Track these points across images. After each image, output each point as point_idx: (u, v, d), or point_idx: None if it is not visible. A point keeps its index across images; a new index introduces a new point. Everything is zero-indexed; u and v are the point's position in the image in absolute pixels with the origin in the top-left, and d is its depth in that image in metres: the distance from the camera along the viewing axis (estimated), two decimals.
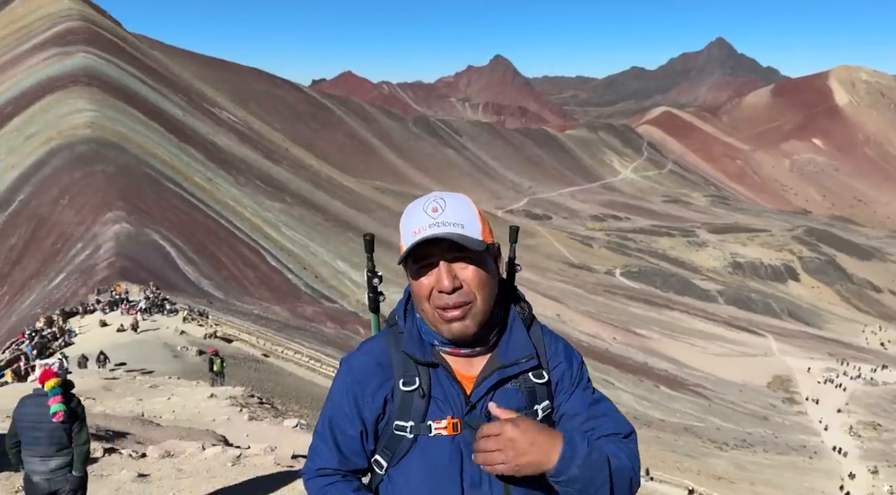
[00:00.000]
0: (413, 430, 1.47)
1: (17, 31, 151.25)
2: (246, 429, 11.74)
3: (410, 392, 1.49)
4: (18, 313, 51.23)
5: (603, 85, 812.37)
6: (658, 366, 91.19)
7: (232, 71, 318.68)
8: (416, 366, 1.52)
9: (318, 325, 63.37)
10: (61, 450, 4.90)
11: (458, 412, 1.49)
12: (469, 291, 1.43)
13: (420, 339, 1.55)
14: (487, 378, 1.51)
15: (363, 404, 1.52)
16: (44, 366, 5.17)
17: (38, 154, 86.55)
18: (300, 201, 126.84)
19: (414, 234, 1.44)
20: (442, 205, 1.46)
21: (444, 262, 1.44)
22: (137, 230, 64.68)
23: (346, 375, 1.57)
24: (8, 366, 23.93)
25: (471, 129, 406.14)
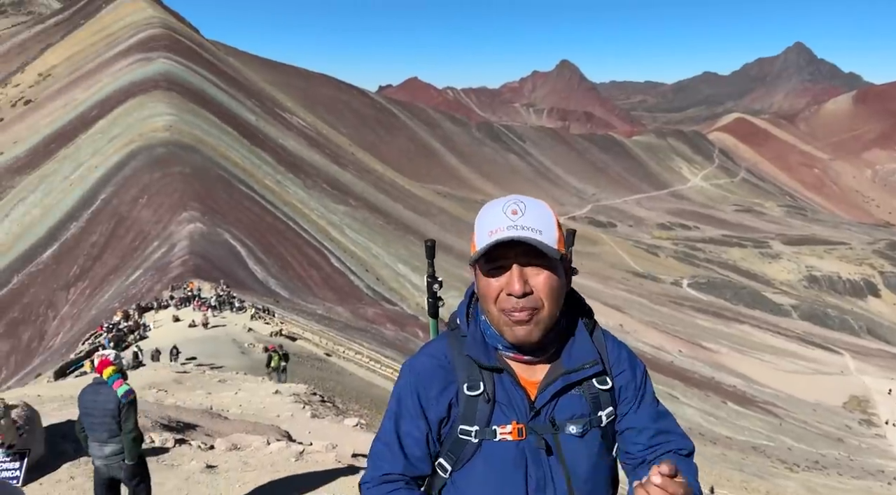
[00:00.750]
0: (478, 435, 1.46)
1: (105, 38, 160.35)
2: (308, 426, 12.01)
3: (475, 396, 1.48)
4: (98, 307, 54.08)
5: (672, 90, 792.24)
6: (726, 382, 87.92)
7: (301, 77, 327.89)
8: (479, 370, 1.51)
9: (378, 327, 64.21)
10: (113, 437, 5.12)
11: (523, 417, 1.48)
12: (538, 298, 1.43)
13: (484, 343, 1.53)
14: (552, 383, 1.50)
15: (427, 406, 1.52)
16: (100, 357, 5.40)
17: (120, 155, 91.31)
18: (364, 204, 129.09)
19: (490, 234, 1.43)
20: (522, 208, 1.45)
21: (518, 266, 1.43)
22: (210, 230, 67.27)
23: (410, 378, 1.57)
24: (87, 357, 25.31)
25: (534, 135, 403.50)
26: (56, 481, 6.55)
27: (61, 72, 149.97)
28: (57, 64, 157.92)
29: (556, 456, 1.46)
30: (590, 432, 1.50)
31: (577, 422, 1.49)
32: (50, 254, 75.62)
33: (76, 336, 43.76)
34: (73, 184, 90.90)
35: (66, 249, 75.29)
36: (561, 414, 1.50)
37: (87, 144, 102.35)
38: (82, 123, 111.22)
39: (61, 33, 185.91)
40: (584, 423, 1.49)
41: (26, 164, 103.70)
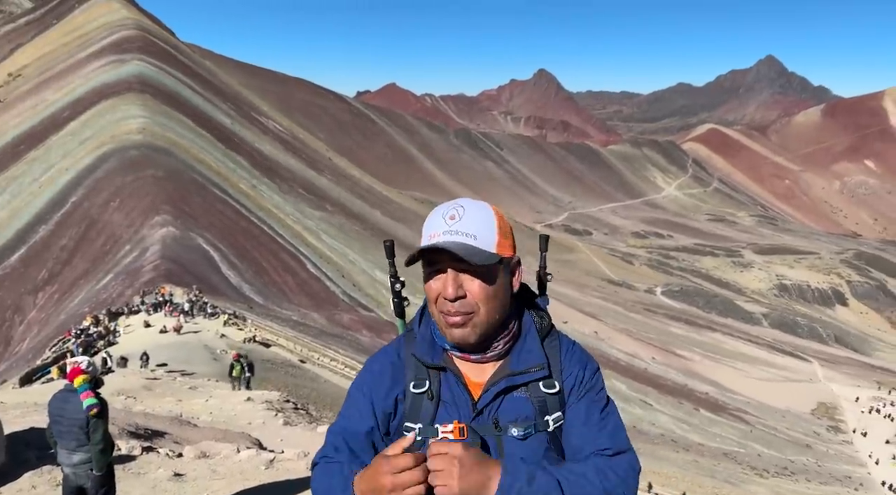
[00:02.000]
0: (421, 432, 1.49)
1: (77, 38, 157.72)
2: (280, 434, 11.87)
3: (420, 394, 1.51)
4: (67, 312, 52.96)
5: (648, 101, 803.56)
6: (698, 389, 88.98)
7: (278, 81, 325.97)
8: (426, 369, 1.54)
9: (354, 333, 63.84)
10: (82, 446, 5.02)
11: (466, 417, 1.50)
12: (472, 302, 1.44)
13: (432, 343, 1.56)
14: (496, 384, 1.51)
15: (377, 402, 1.55)
16: (73, 364, 5.30)
17: (92, 157, 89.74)
18: (340, 210, 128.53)
19: (429, 238, 1.48)
20: (460, 213, 1.48)
21: (452, 271, 1.46)
22: (183, 234, 66.35)
23: (364, 374, 1.62)
24: (54, 363, 24.74)
25: (512, 143, 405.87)
26: (17, 490, 6.37)
27: (32, 72, 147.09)
28: (27, 64, 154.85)
29: (496, 458, 1.44)
30: (533, 436, 1.49)
31: (520, 425, 1.48)
32: (17, 258, 73.89)
33: (43, 341, 42.75)
34: (42, 187, 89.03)
35: (35, 253, 73.63)
36: (505, 416, 1.50)
37: (58, 146, 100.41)
38: (53, 125, 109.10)
39: (32, 33, 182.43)
40: (527, 426, 1.49)
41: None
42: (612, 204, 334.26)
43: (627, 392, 71.07)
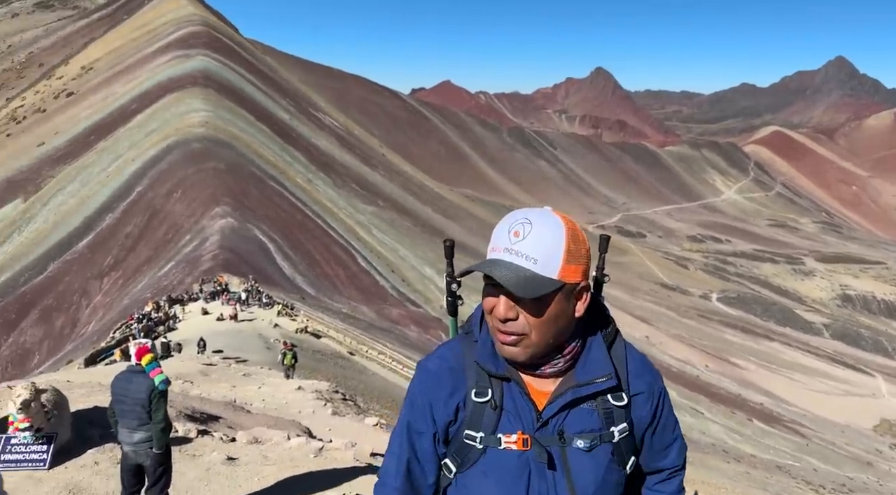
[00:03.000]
0: (483, 441, 1.45)
1: (146, 34, 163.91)
2: (329, 423, 12.08)
3: (482, 403, 1.47)
4: (130, 297, 55.19)
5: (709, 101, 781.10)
6: (753, 399, 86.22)
7: (335, 78, 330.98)
8: (488, 377, 1.49)
9: (402, 328, 64.41)
10: (142, 425, 5.22)
11: (529, 428, 1.46)
12: (524, 325, 1.38)
13: (494, 350, 1.49)
14: (561, 395, 1.47)
15: (435, 408, 1.51)
16: (138, 344, 5.49)
17: (157, 149, 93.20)
18: (392, 205, 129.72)
19: (491, 251, 1.40)
20: (526, 230, 1.36)
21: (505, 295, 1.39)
22: (241, 225, 68.23)
23: (421, 378, 1.56)
24: (117, 346, 25.84)
25: (566, 142, 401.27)
26: (81, 466, 6.67)
27: (103, 65, 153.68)
28: (99, 58, 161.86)
29: (560, 470, 1.43)
30: (599, 447, 1.46)
31: (585, 437, 1.45)
32: (85, 244, 77.42)
33: (108, 324, 44.68)
34: (110, 176, 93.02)
35: (101, 239, 77.03)
36: (570, 428, 1.46)
37: (126, 137, 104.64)
38: (121, 117, 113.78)
39: (104, 28, 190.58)
40: (593, 438, 1.46)
41: (66, 155, 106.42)
42: (668, 206, 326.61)
43: (678, 399, 69.42)
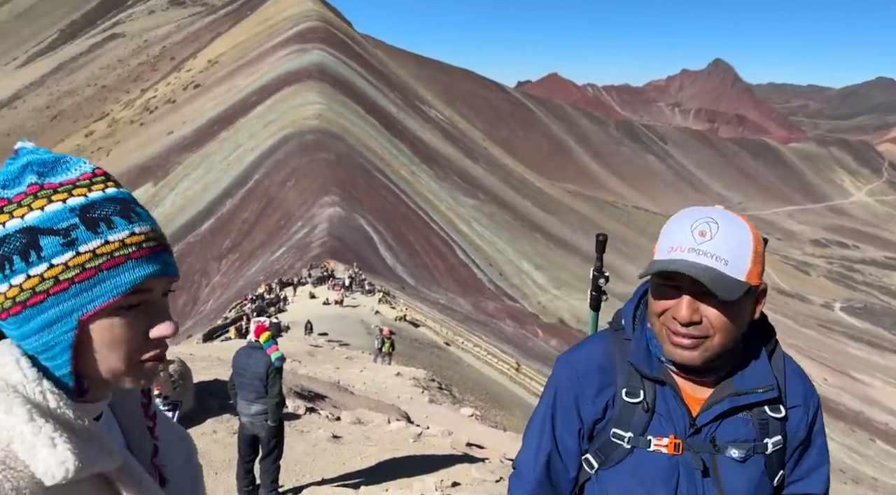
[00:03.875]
0: (631, 442, 1.43)
1: (267, 28, 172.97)
2: (426, 410, 12.38)
3: (633, 403, 1.44)
4: (245, 278, 58.75)
5: (839, 96, 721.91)
6: (877, 418, 79.47)
7: (443, 71, 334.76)
8: (640, 378, 1.45)
9: (498, 322, 64.48)
10: (259, 398, 5.60)
11: (682, 433, 1.41)
12: (707, 328, 1.32)
13: (648, 352, 1.45)
14: (718, 403, 1.41)
15: (582, 404, 1.48)
16: (257, 322, 5.88)
17: (273, 140, 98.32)
18: (492, 199, 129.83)
19: (670, 251, 1.31)
20: (713, 229, 1.29)
21: (689, 295, 1.31)
22: (348, 214, 70.80)
23: (567, 372, 1.52)
24: (232, 324, 27.67)
25: (678, 136, 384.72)
26: (201, 433, 7.23)
27: (227, 59, 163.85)
28: (224, 51, 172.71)
29: (711, 477, 1.40)
30: (752, 457, 1.41)
31: (740, 447, 1.40)
32: (207, 227, 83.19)
33: (224, 304, 47.83)
34: (230, 164, 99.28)
35: (221, 224, 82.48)
36: (723, 436, 1.41)
37: (246, 128, 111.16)
38: (242, 108, 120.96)
39: (230, 23, 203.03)
40: (747, 449, 1.41)
41: (192, 143, 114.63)
42: (790, 207, 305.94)
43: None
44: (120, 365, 0.77)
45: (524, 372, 33.65)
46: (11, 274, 0.74)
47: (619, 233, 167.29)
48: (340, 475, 6.26)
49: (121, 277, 0.75)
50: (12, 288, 0.74)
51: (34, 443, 0.70)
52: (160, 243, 0.80)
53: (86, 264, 0.74)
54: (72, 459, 0.70)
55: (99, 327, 0.76)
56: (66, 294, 0.74)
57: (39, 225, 0.74)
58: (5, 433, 0.70)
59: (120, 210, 0.78)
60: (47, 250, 0.74)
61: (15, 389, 0.73)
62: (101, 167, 0.81)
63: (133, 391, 0.89)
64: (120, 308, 0.76)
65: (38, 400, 0.73)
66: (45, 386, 0.74)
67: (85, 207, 0.76)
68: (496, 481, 6.15)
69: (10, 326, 0.76)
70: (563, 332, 78.56)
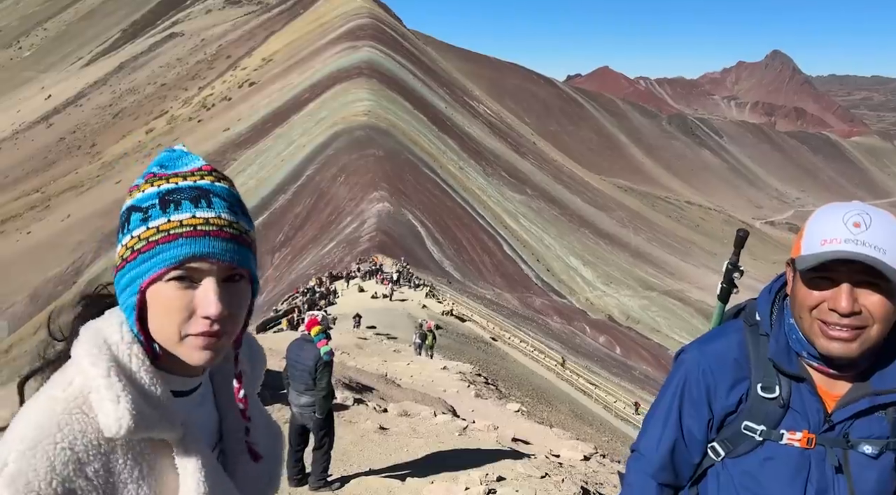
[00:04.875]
0: (763, 435, 1.44)
1: (320, 26, 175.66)
2: (472, 405, 12.49)
3: (769, 399, 1.44)
4: (297, 271, 60.05)
5: None
6: None
7: (492, 66, 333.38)
8: (777, 373, 1.45)
9: (545, 318, 64.11)
10: (308, 390, 5.76)
11: (816, 428, 1.42)
12: (867, 318, 1.32)
13: (787, 347, 1.45)
14: (856, 402, 1.41)
15: (714, 396, 1.48)
16: (310, 316, 6.05)
17: (325, 136, 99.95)
18: (540, 194, 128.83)
19: (823, 243, 1.31)
20: (867, 220, 1.30)
21: (849, 285, 1.32)
22: (396, 209, 71.48)
23: (700, 364, 1.51)
24: (284, 316, 28.35)
25: (733, 130, 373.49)
26: None
27: (281, 57, 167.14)
28: (278, 49, 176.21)
29: (842, 472, 1.41)
30: (884, 453, 1.41)
31: (873, 443, 1.40)
32: (261, 222, 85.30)
33: (277, 296, 49.05)
34: (283, 161, 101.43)
35: (275, 218, 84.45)
36: (857, 432, 1.42)
37: (298, 124, 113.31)
38: (295, 105, 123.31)
39: (283, 22, 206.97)
40: (881, 446, 1.40)
41: (247, 140, 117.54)
42: None
43: None
44: (169, 333, 0.86)
45: (570, 369, 33.44)
46: (117, 242, 0.90)
47: (671, 229, 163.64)
48: (387, 466, 6.40)
49: (171, 251, 0.85)
50: (119, 249, 0.89)
51: (104, 396, 0.80)
52: (223, 230, 0.89)
53: (150, 237, 0.85)
54: (127, 418, 0.79)
55: (154, 294, 0.86)
56: (134, 262, 0.86)
57: (136, 204, 0.88)
58: (88, 382, 0.82)
59: (194, 196, 0.88)
60: (132, 224, 0.87)
61: (109, 347, 0.84)
62: (210, 164, 0.92)
63: (228, 374, 1.00)
64: (174, 279, 0.85)
65: (123, 361, 0.84)
66: (133, 350, 0.85)
67: (168, 192, 0.88)
68: (541, 477, 6.20)
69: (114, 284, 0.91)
70: (612, 329, 77.49)
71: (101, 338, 0.84)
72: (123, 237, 0.88)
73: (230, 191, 0.92)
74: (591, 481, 6.83)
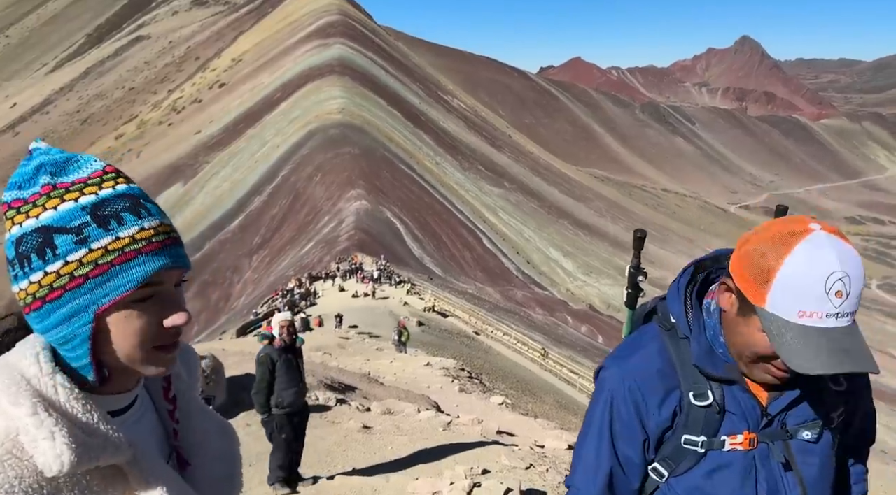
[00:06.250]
0: (705, 446, 1.36)
1: (289, 25, 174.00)
2: (456, 400, 12.47)
3: (703, 406, 1.37)
4: (275, 273, 59.52)
5: (872, 68, 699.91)
6: None
7: (464, 60, 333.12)
8: (706, 379, 1.38)
9: (527, 310, 64.36)
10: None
11: (755, 426, 1.37)
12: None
13: (710, 349, 1.38)
14: (789, 389, 1.37)
15: (645, 414, 1.39)
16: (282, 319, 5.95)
17: (299, 136, 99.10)
18: (518, 187, 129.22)
19: (801, 316, 1.16)
20: (847, 286, 1.15)
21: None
22: (374, 207, 71.16)
23: (624, 381, 1.40)
24: (264, 319, 28.12)
25: (706, 116, 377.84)
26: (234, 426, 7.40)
27: (251, 57, 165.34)
28: (247, 49, 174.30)
29: (791, 468, 1.37)
30: (823, 435, 1.39)
31: (810, 427, 1.38)
32: (237, 224, 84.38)
33: (256, 299, 48.57)
34: (258, 162, 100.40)
35: (251, 220, 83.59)
36: (792, 420, 1.38)
37: (271, 124, 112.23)
38: (267, 105, 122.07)
39: (252, 21, 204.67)
40: (818, 427, 1.38)
41: (219, 142, 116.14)
42: (822, 184, 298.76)
43: None
44: (136, 353, 0.80)
45: (553, 359, 33.59)
46: (30, 271, 0.78)
47: (649, 218, 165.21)
48: (371, 465, 6.36)
49: (132, 272, 0.78)
50: (31, 284, 0.78)
51: (36, 436, 0.73)
52: (169, 237, 0.83)
53: (98, 260, 0.77)
54: (68, 453, 0.73)
55: (115, 319, 0.79)
56: (81, 289, 0.77)
57: (53, 223, 0.78)
58: (13, 423, 0.74)
59: (129, 206, 0.81)
60: (62, 248, 0.77)
61: (28, 382, 0.77)
62: (111, 164, 0.84)
63: (159, 380, 0.94)
64: (133, 300, 0.79)
65: (48, 394, 0.77)
66: (57, 381, 0.78)
67: (96, 205, 0.79)
68: (526, 468, 6.19)
69: (33, 320, 0.80)
70: (594, 319, 78.07)
71: (17, 374, 0.77)
72: (48, 264, 0.77)
73: (142, 189, 0.85)
74: None
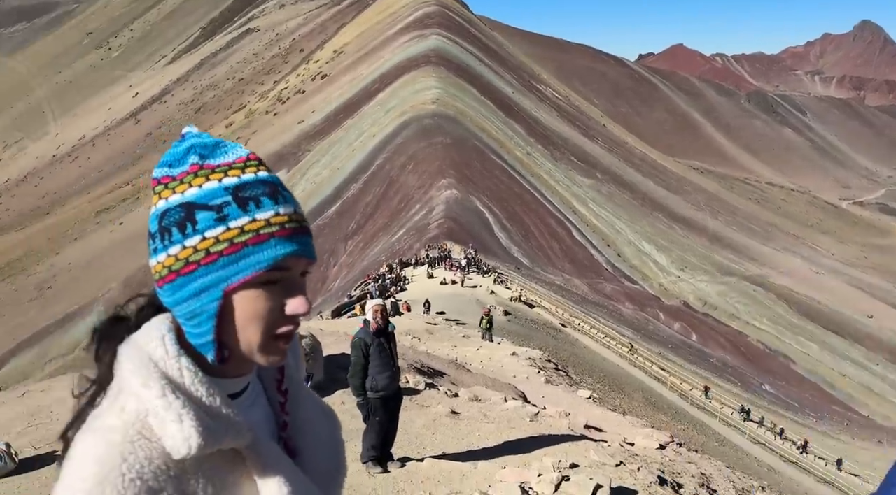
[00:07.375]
0: None
1: (388, 16, 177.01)
2: (542, 391, 12.43)
3: None
4: (368, 258, 61.23)
5: None
6: None
7: (559, 48, 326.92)
8: None
9: (616, 304, 62.91)
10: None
11: None
12: None
13: None
14: None
15: None
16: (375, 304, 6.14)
17: (394, 125, 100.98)
18: (610, 178, 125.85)
19: None
20: None
21: None
22: (464, 196, 71.59)
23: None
24: (357, 302, 29.02)
25: (818, 106, 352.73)
26: (331, 404, 7.72)
27: (352, 48, 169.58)
28: (349, 41, 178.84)
29: None
30: None
31: None
32: (334, 210, 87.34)
33: (350, 282, 50.22)
34: (355, 151, 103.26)
35: (347, 207, 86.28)
36: None
37: (368, 115, 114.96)
38: (365, 96, 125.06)
39: (353, 13, 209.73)
40: None
41: (320, 132, 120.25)
42: None
43: None
44: (257, 336, 0.82)
45: (643, 355, 32.73)
46: (170, 243, 0.81)
47: (751, 212, 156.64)
48: (459, 450, 6.46)
49: (264, 253, 0.80)
50: (169, 257, 0.81)
51: (164, 418, 0.76)
52: (301, 226, 0.85)
53: (234, 239, 0.80)
54: (195, 436, 0.75)
55: (241, 298, 0.81)
56: (214, 265, 0.80)
57: (197, 200, 0.81)
58: (143, 405, 0.77)
59: (268, 191, 0.83)
60: (202, 223, 0.80)
61: (156, 364, 0.79)
62: (254, 152, 0.87)
63: (272, 368, 0.96)
64: (261, 282, 0.81)
65: (174, 376, 0.79)
66: (182, 364, 0.80)
67: (238, 187, 0.82)
68: (616, 465, 6.11)
69: (165, 293, 0.82)
70: (688, 316, 75.19)
71: (146, 356, 0.80)
72: (187, 238, 0.81)
73: (280, 179, 0.88)
74: (667, 470, 6.69)
